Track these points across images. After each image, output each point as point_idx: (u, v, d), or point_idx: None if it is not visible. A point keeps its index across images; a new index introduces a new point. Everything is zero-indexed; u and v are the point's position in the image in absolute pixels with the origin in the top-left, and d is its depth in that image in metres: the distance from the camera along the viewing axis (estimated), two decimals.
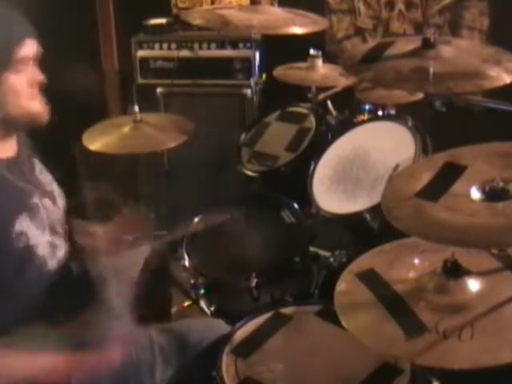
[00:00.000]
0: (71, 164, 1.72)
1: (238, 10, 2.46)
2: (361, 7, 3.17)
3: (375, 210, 1.96)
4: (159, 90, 3.25)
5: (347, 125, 2.35)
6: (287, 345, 1.65)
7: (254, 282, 1.95)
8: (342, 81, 2.53)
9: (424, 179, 1.37)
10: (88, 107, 3.10)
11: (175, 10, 3.40)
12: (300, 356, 1.60)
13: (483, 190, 1.31)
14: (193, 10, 3.19)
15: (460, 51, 1.69)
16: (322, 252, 2.18)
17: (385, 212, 1.30)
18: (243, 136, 2.56)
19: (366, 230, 2.02)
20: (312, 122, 2.46)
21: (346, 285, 1.48)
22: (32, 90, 1.51)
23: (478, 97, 1.98)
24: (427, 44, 1.64)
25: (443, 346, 1.27)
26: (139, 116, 2.37)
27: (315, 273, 2.12)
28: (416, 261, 1.50)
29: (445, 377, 1.50)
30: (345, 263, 1.73)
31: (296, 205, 2.23)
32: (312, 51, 2.63)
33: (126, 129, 2.36)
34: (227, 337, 1.67)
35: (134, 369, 1.58)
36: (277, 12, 2.44)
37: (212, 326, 1.82)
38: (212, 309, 2.06)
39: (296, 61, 2.70)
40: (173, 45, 3.22)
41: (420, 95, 2.31)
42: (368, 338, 1.34)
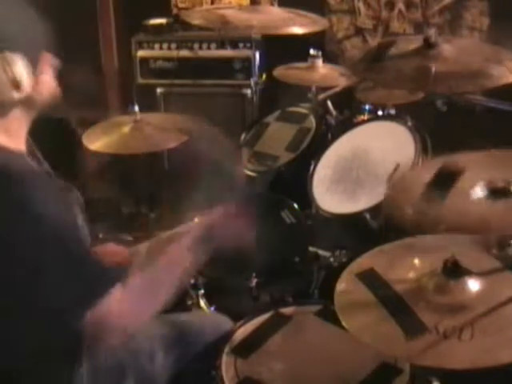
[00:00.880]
0: (71, 164, 1.72)
1: (238, 10, 2.47)
2: (361, 7, 3.17)
3: (375, 210, 1.96)
4: (159, 90, 3.25)
5: (347, 125, 2.34)
6: (287, 345, 1.64)
7: (254, 282, 1.95)
8: (342, 81, 2.53)
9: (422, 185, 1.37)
10: (88, 107, 3.10)
11: (175, 10, 3.40)
12: (300, 356, 1.60)
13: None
14: (193, 10, 3.19)
15: (461, 50, 1.69)
16: (322, 252, 2.18)
17: (392, 212, 1.31)
18: (243, 136, 2.56)
19: (366, 230, 2.02)
20: (312, 122, 2.46)
21: (346, 285, 1.48)
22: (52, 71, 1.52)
23: (479, 96, 1.98)
24: (429, 44, 1.64)
25: (443, 346, 1.27)
26: (139, 116, 2.37)
27: (315, 273, 2.11)
28: (416, 261, 1.50)
29: (445, 377, 1.50)
30: (345, 263, 1.73)
31: (296, 205, 2.23)
32: (312, 51, 2.63)
33: (126, 129, 2.36)
34: (227, 336, 1.67)
35: (134, 357, 1.58)
36: (277, 12, 2.45)
37: (213, 319, 1.82)
38: (212, 309, 2.06)
39: (296, 61, 2.70)
40: (173, 45, 3.22)
41: (420, 95, 2.31)
42: (368, 338, 1.34)
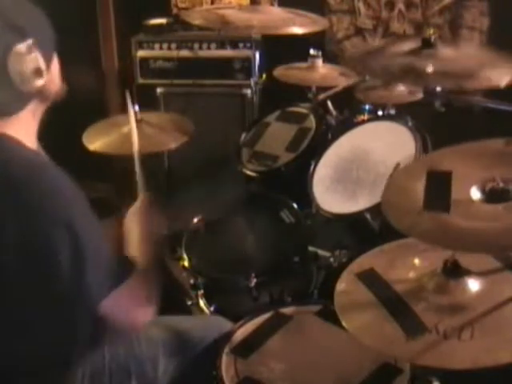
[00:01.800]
0: (71, 164, 1.72)
1: (238, 10, 2.47)
2: (361, 7, 3.17)
3: (375, 210, 1.96)
4: (159, 90, 3.24)
5: (347, 125, 2.34)
6: (287, 345, 1.64)
7: (254, 282, 1.95)
8: (342, 81, 2.53)
9: (418, 191, 1.37)
10: (88, 107, 3.10)
11: (175, 10, 3.40)
12: (300, 356, 1.60)
13: (483, 191, 1.32)
14: (193, 10, 3.19)
15: (458, 53, 1.70)
16: (322, 252, 2.18)
17: (405, 231, 1.30)
18: (243, 136, 2.56)
19: (366, 230, 2.02)
20: (312, 122, 2.46)
21: (346, 285, 1.48)
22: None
23: (478, 97, 1.98)
24: (427, 44, 1.64)
25: (443, 346, 1.27)
26: (139, 116, 2.37)
27: (315, 273, 2.11)
28: (416, 261, 1.50)
29: (445, 377, 1.50)
30: (345, 263, 1.73)
31: (296, 205, 2.23)
32: (312, 51, 2.63)
33: (126, 129, 2.36)
34: (227, 337, 1.67)
35: (137, 362, 1.59)
36: (277, 12, 2.45)
37: (214, 323, 1.82)
38: (212, 309, 2.06)
39: (296, 61, 2.70)
40: (173, 45, 3.21)
41: (420, 95, 2.31)
42: (368, 338, 1.34)
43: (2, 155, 1.34)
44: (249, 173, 2.41)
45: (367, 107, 2.44)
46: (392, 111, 2.37)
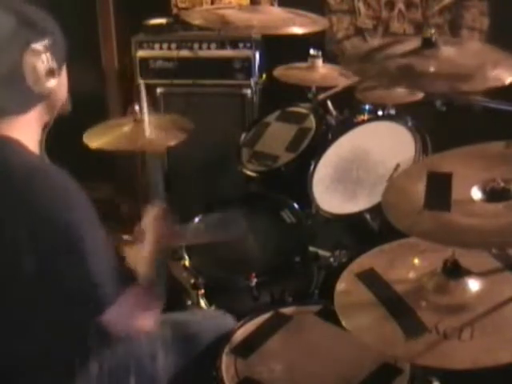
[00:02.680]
0: (71, 164, 1.72)
1: (238, 10, 2.47)
2: (361, 7, 3.17)
3: (375, 210, 1.96)
4: (159, 90, 3.24)
5: (347, 125, 2.34)
6: (287, 345, 1.64)
7: (254, 282, 1.95)
8: (342, 81, 2.53)
9: (419, 193, 1.37)
10: (88, 107, 3.10)
11: (175, 10, 3.40)
12: (300, 356, 1.60)
13: (483, 191, 1.32)
14: (193, 10, 3.18)
15: (459, 51, 1.69)
16: (322, 252, 2.18)
17: (406, 231, 1.30)
18: (243, 136, 2.56)
19: (366, 230, 2.02)
20: (312, 122, 2.46)
21: (346, 285, 1.48)
22: None
23: (478, 96, 1.98)
24: (428, 43, 1.64)
25: (443, 346, 1.27)
26: (139, 116, 2.37)
27: (315, 273, 2.12)
28: (416, 261, 1.50)
29: (445, 377, 1.50)
30: (345, 263, 1.73)
31: (296, 205, 2.23)
32: (312, 51, 2.63)
33: (126, 128, 2.36)
34: (227, 337, 1.67)
35: (136, 358, 1.58)
36: (277, 12, 2.45)
37: (214, 317, 1.83)
38: (212, 308, 2.06)
39: (296, 61, 2.70)
40: (173, 45, 3.21)
41: (420, 95, 2.31)
42: (368, 338, 1.34)
43: (6, 158, 1.35)
44: (249, 173, 2.41)
45: (367, 107, 2.44)
46: (392, 111, 2.36)
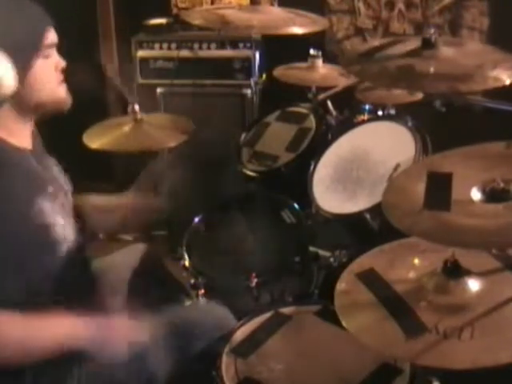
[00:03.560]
0: (72, 164, 1.72)
1: (238, 10, 2.46)
2: (361, 7, 3.17)
3: (375, 210, 1.96)
4: (159, 90, 3.24)
5: (347, 125, 2.34)
6: (287, 345, 1.64)
7: (254, 282, 1.95)
8: (342, 81, 2.53)
9: (419, 193, 1.37)
10: (88, 107, 3.10)
11: (175, 10, 3.40)
12: (300, 356, 1.60)
13: (483, 192, 1.32)
14: (193, 10, 3.18)
15: (459, 52, 1.69)
16: (322, 252, 2.18)
17: (406, 230, 1.30)
18: (243, 136, 2.56)
19: (366, 230, 2.02)
20: (312, 122, 2.46)
21: (346, 285, 1.48)
22: (58, 75, 1.58)
23: (478, 97, 1.98)
24: (427, 44, 1.64)
25: (443, 346, 1.27)
26: (139, 116, 2.37)
27: (315, 273, 2.12)
28: (416, 261, 1.50)
29: (445, 377, 1.50)
30: (345, 263, 1.73)
31: (296, 205, 2.23)
32: (312, 51, 2.63)
33: (127, 128, 2.36)
34: (227, 336, 1.67)
35: (136, 357, 1.58)
36: (277, 12, 2.44)
37: (212, 312, 1.83)
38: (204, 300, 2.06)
39: (296, 61, 2.70)
40: (173, 45, 3.21)
41: (420, 95, 2.31)
42: (368, 338, 1.34)
43: None
44: (249, 173, 2.42)
45: (367, 107, 2.44)
46: (392, 111, 2.37)
